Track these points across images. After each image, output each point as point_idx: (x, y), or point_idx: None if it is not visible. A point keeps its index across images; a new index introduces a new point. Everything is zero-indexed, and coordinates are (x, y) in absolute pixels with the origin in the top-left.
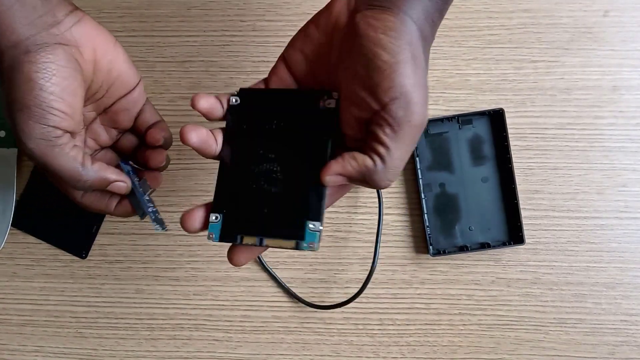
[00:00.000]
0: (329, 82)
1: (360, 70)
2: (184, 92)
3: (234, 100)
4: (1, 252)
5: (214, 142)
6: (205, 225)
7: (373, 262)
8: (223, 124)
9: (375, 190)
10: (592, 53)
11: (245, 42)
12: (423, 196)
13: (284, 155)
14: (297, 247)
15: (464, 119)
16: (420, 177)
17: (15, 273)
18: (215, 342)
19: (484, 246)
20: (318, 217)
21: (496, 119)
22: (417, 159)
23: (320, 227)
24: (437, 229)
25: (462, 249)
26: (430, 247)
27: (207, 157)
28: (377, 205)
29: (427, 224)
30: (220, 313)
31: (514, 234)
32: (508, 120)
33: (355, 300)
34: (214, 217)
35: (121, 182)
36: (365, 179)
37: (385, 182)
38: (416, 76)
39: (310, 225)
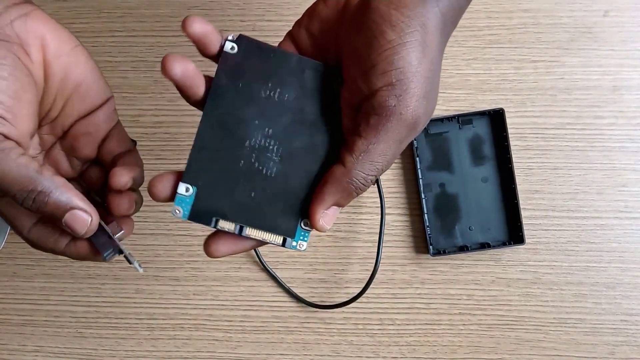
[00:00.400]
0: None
1: (360, 47)
2: None
3: (229, 46)
4: (1, 252)
5: (202, 82)
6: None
7: (376, 263)
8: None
9: (376, 190)
10: (592, 53)
11: None
12: (423, 196)
13: (285, 133)
14: (283, 244)
15: (464, 119)
16: (420, 177)
17: (15, 273)
18: (215, 342)
19: (484, 246)
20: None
21: (496, 119)
22: (417, 159)
23: (312, 228)
24: (437, 229)
25: (462, 249)
26: (430, 247)
27: (188, 100)
28: (379, 205)
29: (427, 224)
30: (220, 313)
31: (514, 234)
32: (508, 120)
33: (356, 300)
34: (183, 189)
35: (85, 213)
36: (348, 191)
37: (365, 181)
38: (421, 65)
39: (303, 222)
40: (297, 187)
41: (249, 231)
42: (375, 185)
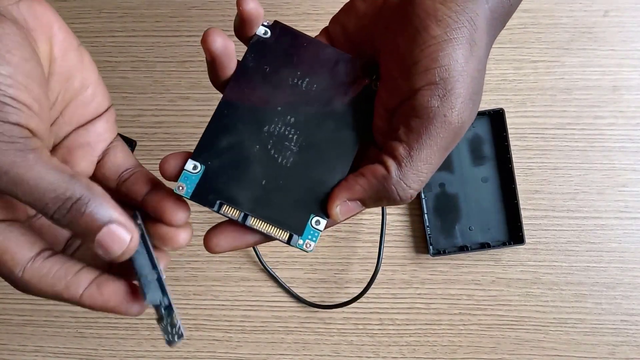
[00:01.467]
0: (372, 52)
1: (401, 43)
2: (184, 92)
3: (262, 31)
4: None
5: (235, 63)
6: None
7: (377, 263)
8: None
9: None
10: (592, 53)
11: None
12: (423, 196)
13: (307, 124)
14: (288, 242)
15: None
16: None
17: None
18: (215, 342)
19: (484, 246)
20: (326, 214)
21: (496, 119)
22: None
23: (322, 228)
24: (437, 229)
25: (462, 249)
26: (430, 247)
27: (216, 78)
28: None
29: (427, 224)
30: (220, 313)
31: (514, 234)
32: (508, 120)
33: (356, 301)
34: (191, 166)
35: (125, 229)
36: (381, 196)
37: (404, 193)
38: (468, 64)
39: (315, 221)
40: (313, 181)
41: (254, 221)
42: None
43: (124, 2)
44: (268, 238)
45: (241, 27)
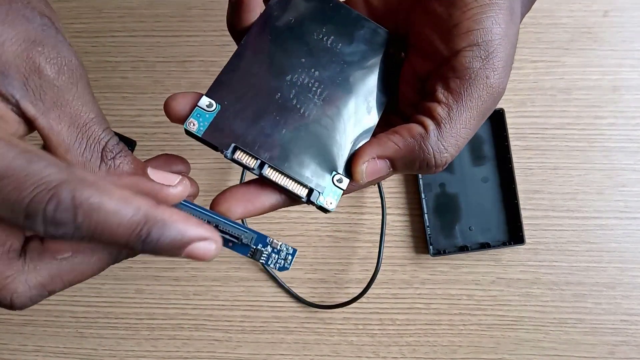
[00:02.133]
0: (396, 27)
1: (438, 7)
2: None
3: None
4: None
5: (259, 9)
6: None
7: (377, 263)
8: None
9: (376, 190)
10: (592, 53)
11: None
12: (423, 196)
13: (331, 80)
14: (308, 198)
15: None
16: (420, 177)
17: None
18: (215, 342)
19: (484, 246)
20: (349, 173)
21: (496, 119)
22: None
23: (345, 187)
24: (437, 229)
25: (462, 249)
26: (431, 247)
27: (236, 24)
28: (379, 205)
29: (427, 224)
30: (220, 313)
31: (514, 234)
32: (508, 120)
33: (356, 301)
34: (206, 103)
35: (208, 241)
36: (415, 157)
37: (440, 156)
38: (509, 29)
39: (337, 178)
40: (336, 138)
41: (270, 172)
42: (376, 186)
43: (124, 2)
44: (286, 195)
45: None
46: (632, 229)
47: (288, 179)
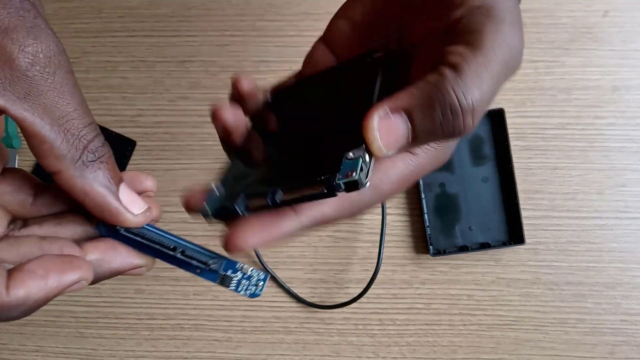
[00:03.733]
0: (386, 38)
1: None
2: (184, 92)
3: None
4: None
5: (245, 131)
6: None
7: (377, 263)
8: None
9: None
10: (592, 53)
11: (245, 42)
12: (423, 196)
13: (325, 116)
14: (327, 187)
15: None
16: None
17: None
18: (215, 342)
19: (484, 246)
20: (357, 143)
21: (496, 119)
22: None
23: (365, 157)
24: (437, 229)
25: (462, 249)
26: (431, 247)
27: (228, 144)
28: (380, 205)
29: (427, 224)
30: (220, 313)
31: (514, 234)
32: (508, 120)
33: (356, 301)
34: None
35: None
36: (434, 101)
37: (464, 97)
38: (515, 3)
39: (350, 155)
40: (333, 129)
41: (284, 196)
42: None
43: (124, 2)
44: (305, 200)
45: (243, 98)
46: (632, 229)
47: (302, 189)
